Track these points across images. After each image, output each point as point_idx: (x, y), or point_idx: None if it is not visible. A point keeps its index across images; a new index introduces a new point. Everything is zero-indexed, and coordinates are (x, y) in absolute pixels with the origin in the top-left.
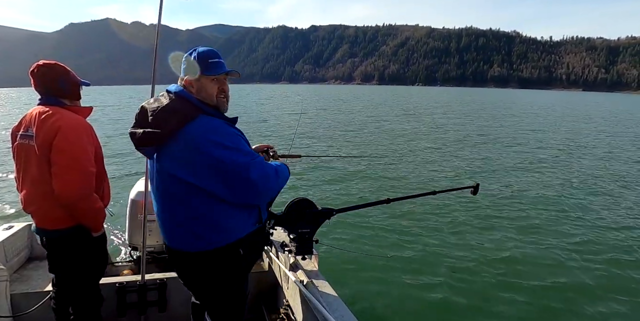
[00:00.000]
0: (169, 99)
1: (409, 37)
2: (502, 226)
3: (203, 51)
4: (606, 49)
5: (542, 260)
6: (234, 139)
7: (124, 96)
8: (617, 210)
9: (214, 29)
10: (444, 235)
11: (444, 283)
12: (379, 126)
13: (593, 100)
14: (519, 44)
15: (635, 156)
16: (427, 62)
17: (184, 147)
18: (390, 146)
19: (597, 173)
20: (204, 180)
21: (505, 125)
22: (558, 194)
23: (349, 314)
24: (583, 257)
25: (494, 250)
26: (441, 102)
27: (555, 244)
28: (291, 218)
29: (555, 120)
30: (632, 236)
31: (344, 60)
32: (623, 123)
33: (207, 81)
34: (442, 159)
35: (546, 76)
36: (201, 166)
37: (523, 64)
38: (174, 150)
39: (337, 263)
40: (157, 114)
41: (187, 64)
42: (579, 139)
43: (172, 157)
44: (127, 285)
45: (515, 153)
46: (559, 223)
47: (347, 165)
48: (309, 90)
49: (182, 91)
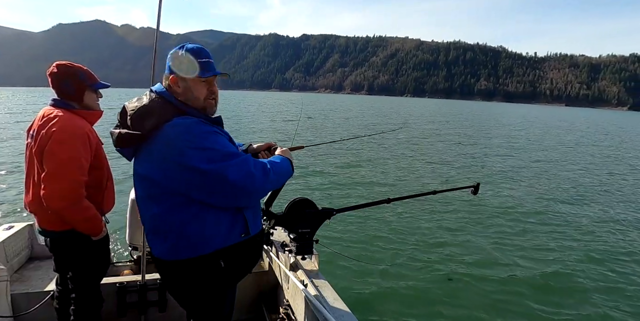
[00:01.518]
0: (149, 99)
1: (399, 49)
2: (502, 226)
3: (192, 49)
4: (588, 66)
5: (544, 261)
6: (210, 138)
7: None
8: (617, 209)
9: (204, 34)
10: (445, 235)
11: (444, 282)
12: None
13: (584, 116)
14: (504, 59)
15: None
16: (416, 73)
17: (159, 148)
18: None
19: (593, 177)
20: (179, 183)
21: (500, 135)
22: (558, 194)
23: (349, 314)
24: (583, 256)
25: (495, 249)
26: (432, 113)
27: (556, 244)
28: (291, 218)
29: (548, 131)
30: (634, 235)
31: (335, 70)
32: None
33: (196, 82)
34: (442, 161)
35: (530, 91)
36: (175, 168)
37: (508, 78)
38: (149, 151)
39: (337, 263)
40: (134, 115)
41: (178, 60)
42: (574, 149)
43: (146, 159)
44: (127, 285)
45: (517, 157)
46: (559, 223)
47: (347, 165)
48: (300, 97)
49: (164, 91)
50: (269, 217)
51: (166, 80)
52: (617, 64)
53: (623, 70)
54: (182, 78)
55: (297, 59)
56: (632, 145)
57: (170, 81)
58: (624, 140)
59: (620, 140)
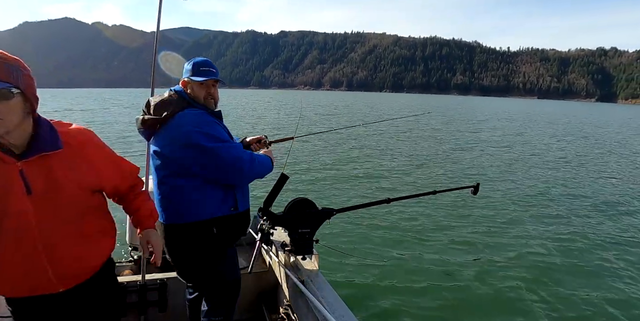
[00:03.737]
0: (169, 95)
1: (377, 45)
2: (502, 225)
3: (198, 61)
4: (558, 60)
5: (544, 261)
6: (212, 127)
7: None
8: (617, 207)
9: (180, 31)
10: (445, 235)
11: (444, 282)
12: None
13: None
14: (479, 54)
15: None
16: (394, 69)
17: (171, 130)
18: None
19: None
20: (184, 157)
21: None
22: (559, 193)
23: (349, 314)
24: (583, 255)
25: (495, 249)
26: (414, 107)
27: (556, 244)
28: (291, 218)
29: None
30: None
31: (313, 66)
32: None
33: (196, 85)
34: (441, 160)
35: (504, 84)
36: (182, 146)
37: (483, 72)
38: (164, 133)
39: (337, 263)
40: (156, 105)
41: (183, 68)
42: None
43: (162, 138)
44: (127, 285)
45: (513, 154)
46: (559, 224)
47: (347, 165)
48: (278, 94)
49: (181, 90)
50: (269, 217)
51: (181, 82)
52: (585, 58)
53: (591, 63)
54: (187, 81)
55: (275, 56)
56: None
57: (182, 83)
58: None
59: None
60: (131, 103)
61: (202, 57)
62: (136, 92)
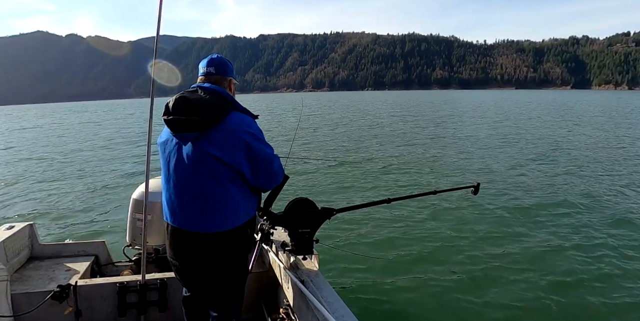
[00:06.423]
0: (207, 94)
1: (356, 44)
2: (502, 225)
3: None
4: (533, 50)
5: (544, 260)
6: (262, 134)
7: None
8: (617, 206)
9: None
10: (445, 235)
11: (444, 282)
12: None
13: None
14: (457, 48)
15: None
16: (375, 67)
17: (225, 133)
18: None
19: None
20: (237, 161)
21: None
22: (559, 192)
23: (349, 314)
24: (583, 255)
25: (496, 249)
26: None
27: (556, 244)
28: (291, 218)
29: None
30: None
31: (295, 68)
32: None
33: (234, 85)
34: (440, 160)
35: (483, 77)
36: (237, 149)
37: (462, 66)
38: (215, 135)
39: (337, 263)
40: (202, 106)
41: (234, 68)
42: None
43: (212, 141)
44: (127, 285)
45: (513, 152)
46: (559, 223)
47: (347, 165)
48: (264, 99)
49: (224, 90)
50: (269, 216)
51: (227, 81)
52: (559, 47)
53: (564, 52)
54: (235, 83)
55: (256, 60)
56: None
57: (231, 83)
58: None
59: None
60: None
61: (220, 55)
62: (115, 104)
